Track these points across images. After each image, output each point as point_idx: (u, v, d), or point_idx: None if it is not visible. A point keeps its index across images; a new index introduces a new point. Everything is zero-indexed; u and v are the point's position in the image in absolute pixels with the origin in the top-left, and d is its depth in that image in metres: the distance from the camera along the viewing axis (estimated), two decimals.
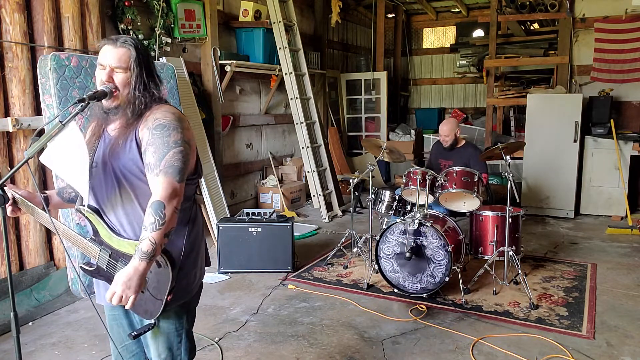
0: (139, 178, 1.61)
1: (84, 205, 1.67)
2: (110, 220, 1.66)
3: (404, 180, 3.92)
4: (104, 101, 1.62)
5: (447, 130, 4.40)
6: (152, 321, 1.62)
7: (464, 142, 4.51)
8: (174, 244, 1.64)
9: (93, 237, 1.66)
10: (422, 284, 3.47)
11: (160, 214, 1.48)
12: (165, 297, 1.57)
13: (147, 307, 1.61)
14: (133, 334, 1.63)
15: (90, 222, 1.66)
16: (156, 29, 4.53)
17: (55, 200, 1.81)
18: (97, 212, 1.67)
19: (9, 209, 1.63)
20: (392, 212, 4.06)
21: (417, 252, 3.44)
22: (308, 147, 6.05)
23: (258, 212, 4.27)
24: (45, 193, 1.79)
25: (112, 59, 1.60)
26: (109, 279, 1.63)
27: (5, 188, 1.60)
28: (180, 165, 1.54)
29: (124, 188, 1.63)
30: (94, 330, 3.12)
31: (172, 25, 4.75)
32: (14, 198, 1.64)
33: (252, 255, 4.10)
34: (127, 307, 1.51)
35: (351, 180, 4.58)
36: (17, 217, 3.46)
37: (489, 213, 3.82)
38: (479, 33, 8.92)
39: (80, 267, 1.72)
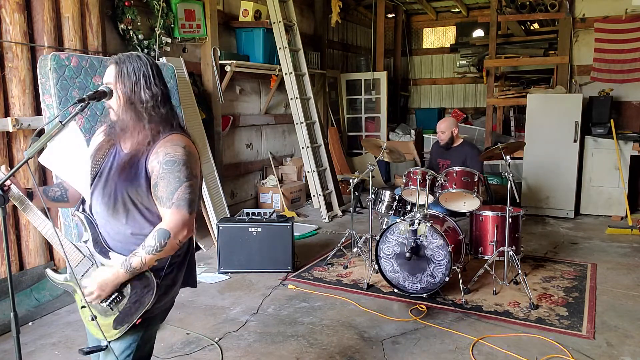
0: (135, 204, 1.63)
1: (84, 211, 1.68)
2: (100, 231, 1.68)
3: (404, 180, 3.92)
4: (111, 115, 1.64)
5: (443, 127, 4.41)
6: (104, 344, 1.64)
7: (461, 140, 4.51)
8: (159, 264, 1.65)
9: (84, 241, 1.67)
10: (422, 284, 3.47)
11: (162, 242, 1.55)
12: (135, 320, 1.60)
13: (125, 314, 1.62)
14: (85, 350, 1.66)
15: (85, 228, 1.68)
16: (156, 29, 4.52)
17: (37, 196, 1.76)
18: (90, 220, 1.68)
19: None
20: (392, 212, 4.06)
21: (417, 252, 3.44)
22: (308, 147, 6.05)
23: (258, 212, 4.27)
24: (30, 189, 1.75)
25: (105, 77, 1.65)
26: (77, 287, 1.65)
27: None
28: (191, 197, 1.59)
29: (117, 208, 1.64)
30: None
31: (172, 25, 4.75)
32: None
33: (252, 255, 4.10)
34: (90, 300, 1.58)
35: (351, 180, 4.58)
36: (17, 217, 3.47)
37: (489, 213, 3.82)
38: (479, 33, 8.92)
39: (46, 270, 1.75)
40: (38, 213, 1.64)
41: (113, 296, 1.61)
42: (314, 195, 6.04)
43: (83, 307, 1.68)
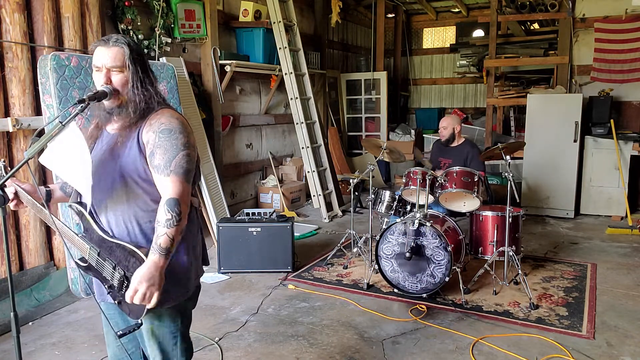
0: (134, 180, 1.61)
1: (80, 203, 1.68)
2: (100, 220, 1.67)
3: (404, 180, 3.92)
4: (105, 102, 1.61)
5: (446, 123, 4.42)
6: (138, 321, 1.62)
7: (463, 139, 4.51)
8: None
9: (84, 234, 1.67)
10: (422, 284, 3.47)
11: (176, 210, 1.52)
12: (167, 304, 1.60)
13: (131, 306, 1.60)
14: (119, 333, 1.64)
15: (81, 219, 1.67)
16: (156, 29, 4.53)
17: (57, 194, 1.81)
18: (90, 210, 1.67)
19: (12, 203, 1.66)
20: (392, 212, 4.06)
21: (417, 252, 3.44)
22: (308, 147, 6.05)
23: (258, 212, 4.27)
24: (49, 187, 1.80)
25: (107, 60, 1.60)
26: (100, 276, 1.66)
27: (7, 182, 1.61)
28: (188, 167, 1.58)
29: (117, 189, 1.63)
30: (94, 330, 3.12)
31: (172, 25, 4.75)
32: (16, 192, 1.65)
33: (252, 255, 4.10)
34: (150, 305, 1.52)
35: (351, 180, 4.58)
36: (17, 217, 3.47)
37: (489, 213, 3.82)
38: (479, 33, 8.92)
39: (75, 262, 1.74)
40: (44, 211, 1.65)
41: (115, 279, 1.61)
42: (314, 195, 6.04)
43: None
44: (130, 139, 1.61)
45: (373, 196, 4.10)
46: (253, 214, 4.26)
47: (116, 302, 1.67)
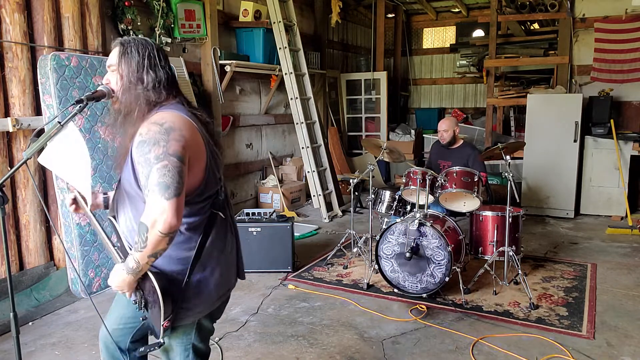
0: (135, 191, 1.55)
1: (113, 216, 1.70)
2: (120, 228, 1.67)
3: (404, 180, 3.92)
4: (112, 106, 1.62)
5: (446, 126, 4.42)
6: (160, 341, 1.58)
7: (461, 141, 4.51)
8: (175, 265, 1.56)
9: (118, 245, 1.66)
10: (422, 284, 3.47)
11: (142, 236, 1.41)
12: (162, 323, 1.52)
13: (154, 324, 1.56)
14: (140, 349, 1.67)
15: (115, 231, 1.68)
16: (156, 29, 4.53)
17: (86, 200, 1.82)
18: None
19: (72, 207, 1.74)
20: (392, 212, 4.06)
21: (417, 252, 3.44)
22: (308, 147, 6.05)
23: (258, 212, 4.27)
24: (107, 194, 1.84)
25: (109, 59, 1.62)
26: None
27: (69, 187, 1.75)
28: (166, 180, 1.39)
29: (123, 198, 1.63)
30: (94, 330, 3.11)
31: (172, 25, 4.75)
32: (74, 198, 1.72)
33: (252, 255, 4.10)
34: (163, 324, 1.52)
35: (351, 180, 4.58)
36: (17, 217, 3.47)
37: (489, 213, 3.82)
38: (479, 33, 8.92)
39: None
40: (92, 217, 1.71)
41: (136, 297, 1.56)
42: (314, 195, 6.04)
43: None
44: (128, 150, 1.53)
45: (373, 196, 4.10)
46: (253, 214, 4.26)
47: (141, 318, 1.64)
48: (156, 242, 1.41)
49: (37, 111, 3.49)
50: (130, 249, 1.53)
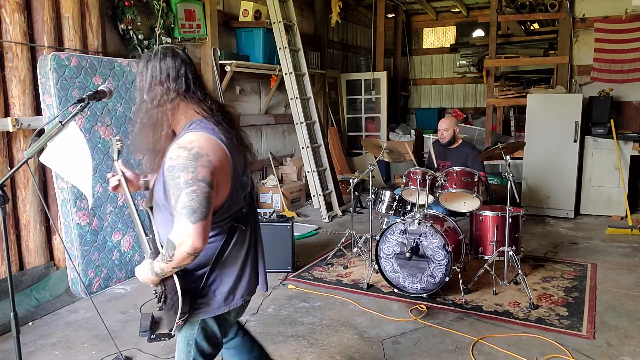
0: (163, 203, 1.60)
1: (150, 208, 1.72)
2: (155, 221, 1.72)
3: (404, 180, 3.92)
4: None
5: (446, 125, 4.42)
6: (171, 332, 1.66)
7: (460, 141, 4.51)
8: (194, 270, 1.64)
9: (148, 234, 1.72)
10: (422, 284, 3.47)
11: (169, 252, 1.50)
12: (177, 320, 1.59)
13: (168, 318, 1.63)
14: (151, 337, 1.70)
15: (149, 220, 1.72)
16: (156, 29, 4.52)
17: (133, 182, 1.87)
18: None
19: (114, 182, 1.78)
20: (392, 212, 4.06)
21: (417, 252, 3.44)
22: (308, 147, 6.05)
23: (258, 212, 4.26)
24: (147, 177, 1.85)
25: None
26: None
27: (116, 163, 1.73)
28: (194, 205, 1.45)
29: (159, 206, 1.66)
30: (94, 330, 3.12)
31: (172, 25, 4.75)
32: (124, 174, 1.77)
33: None
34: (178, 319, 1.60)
35: (351, 180, 4.58)
36: (17, 217, 3.47)
37: (489, 213, 3.82)
38: (479, 33, 8.92)
39: None
40: (129, 200, 1.75)
41: (158, 290, 1.63)
42: (314, 195, 6.04)
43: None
44: (161, 167, 1.57)
45: (373, 196, 4.10)
46: None
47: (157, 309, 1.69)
48: (181, 259, 1.50)
49: (37, 111, 3.49)
50: (161, 246, 1.61)
